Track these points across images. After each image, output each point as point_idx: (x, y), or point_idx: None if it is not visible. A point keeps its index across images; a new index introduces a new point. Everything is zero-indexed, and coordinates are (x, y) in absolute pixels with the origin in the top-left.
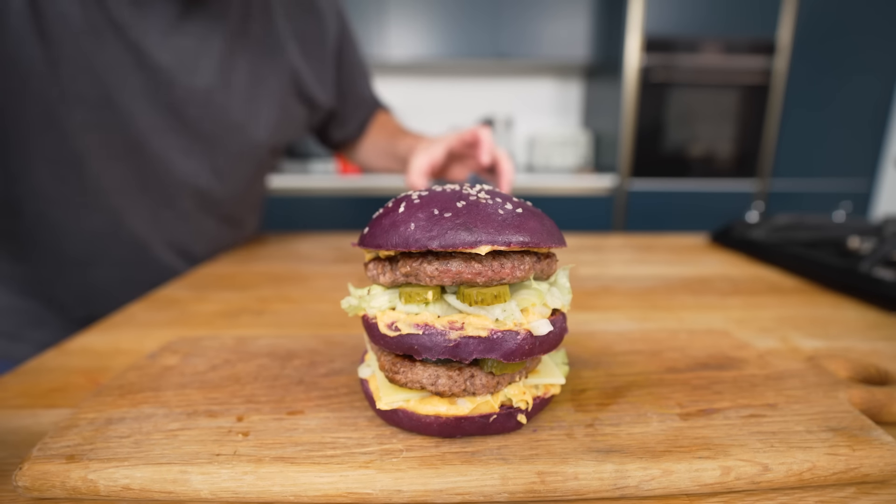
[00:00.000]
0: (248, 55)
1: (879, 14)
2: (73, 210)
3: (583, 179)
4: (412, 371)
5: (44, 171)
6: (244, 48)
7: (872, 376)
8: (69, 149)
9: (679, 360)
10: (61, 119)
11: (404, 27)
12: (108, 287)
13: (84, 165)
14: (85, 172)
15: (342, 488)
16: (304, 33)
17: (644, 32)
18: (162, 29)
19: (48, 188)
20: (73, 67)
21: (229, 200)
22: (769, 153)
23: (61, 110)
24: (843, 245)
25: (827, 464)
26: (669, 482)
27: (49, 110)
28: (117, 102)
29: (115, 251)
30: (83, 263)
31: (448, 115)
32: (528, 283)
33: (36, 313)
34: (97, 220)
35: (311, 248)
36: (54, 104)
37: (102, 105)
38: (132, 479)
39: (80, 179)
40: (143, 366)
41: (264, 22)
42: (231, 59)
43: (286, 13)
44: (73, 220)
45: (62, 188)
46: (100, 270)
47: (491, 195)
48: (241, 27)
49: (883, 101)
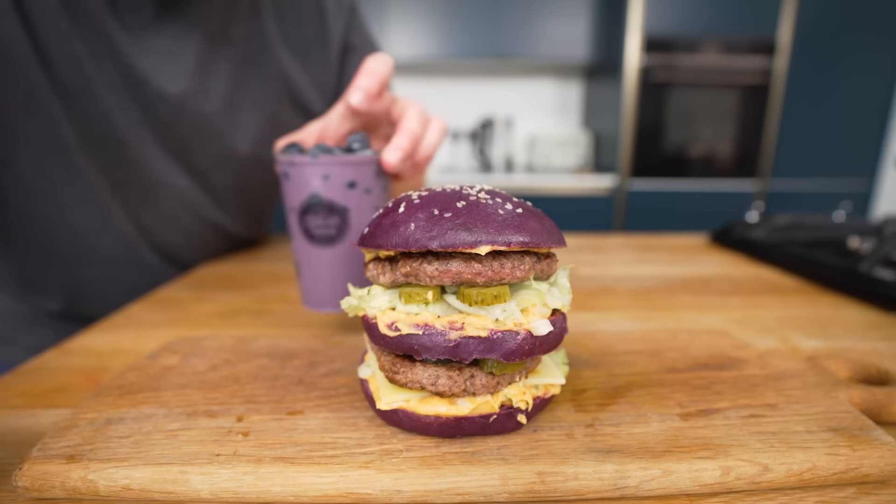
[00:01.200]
0: (229, 60)
1: (879, 14)
2: (59, 203)
3: (583, 179)
4: (412, 371)
5: (29, 159)
6: (225, 52)
7: (872, 376)
8: (54, 138)
9: (679, 360)
10: (46, 106)
11: (404, 27)
12: (96, 286)
13: (69, 157)
14: (70, 164)
15: (342, 488)
16: (299, 36)
17: (644, 32)
18: (136, 25)
19: (34, 178)
20: (53, 52)
21: (215, 209)
22: (769, 153)
23: (45, 97)
24: (843, 245)
25: (827, 464)
26: (669, 482)
27: (33, 96)
28: (95, 94)
29: (103, 249)
30: (71, 260)
31: (448, 115)
32: (528, 284)
33: (28, 316)
34: (84, 214)
35: None
36: (38, 90)
37: (81, 95)
38: (132, 480)
39: (65, 171)
40: (143, 366)
41: (250, 25)
42: (209, 64)
43: (277, 15)
44: (59, 213)
45: (48, 179)
46: (88, 268)
47: (491, 195)
48: (222, 29)
49: (883, 100)
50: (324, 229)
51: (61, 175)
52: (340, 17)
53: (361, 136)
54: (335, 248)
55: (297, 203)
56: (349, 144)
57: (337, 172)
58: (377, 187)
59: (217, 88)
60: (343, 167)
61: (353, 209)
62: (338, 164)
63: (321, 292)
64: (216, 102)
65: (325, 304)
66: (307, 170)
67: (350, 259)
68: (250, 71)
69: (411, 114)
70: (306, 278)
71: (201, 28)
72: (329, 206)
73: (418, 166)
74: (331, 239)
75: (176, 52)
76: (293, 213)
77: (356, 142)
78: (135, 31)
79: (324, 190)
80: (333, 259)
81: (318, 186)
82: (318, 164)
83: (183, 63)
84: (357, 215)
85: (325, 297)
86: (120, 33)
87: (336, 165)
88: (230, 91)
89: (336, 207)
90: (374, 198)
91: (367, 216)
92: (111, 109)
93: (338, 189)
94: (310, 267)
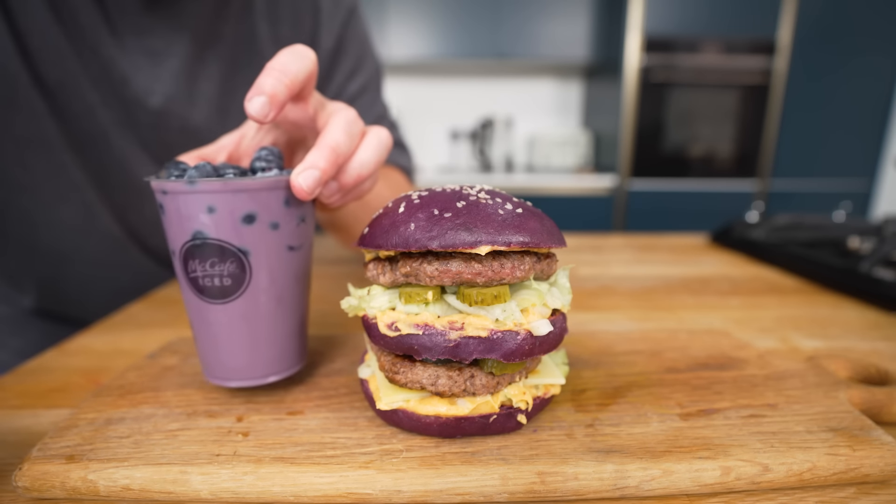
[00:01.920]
0: (218, 61)
1: (879, 14)
2: (42, 199)
3: (583, 179)
4: (412, 371)
5: (11, 153)
6: (215, 54)
7: (872, 376)
8: (36, 133)
9: (679, 360)
10: (28, 100)
11: (404, 27)
12: (82, 286)
13: (52, 153)
14: (53, 160)
15: (342, 488)
16: (292, 37)
17: (644, 32)
18: (120, 22)
19: (16, 173)
20: (33, 43)
21: None
22: (769, 153)
23: (26, 90)
24: (843, 245)
25: (827, 464)
26: (669, 482)
27: (13, 89)
28: (77, 90)
29: (89, 248)
30: (55, 258)
31: (448, 115)
32: (528, 284)
33: (15, 319)
34: (68, 212)
35: None
36: (18, 83)
37: (63, 90)
38: (132, 480)
39: (48, 167)
40: (143, 366)
41: (241, 25)
42: (198, 65)
43: (271, 16)
44: (42, 210)
45: (31, 175)
46: (73, 268)
47: (491, 195)
48: (211, 29)
49: (883, 100)
50: (215, 279)
51: (44, 171)
52: (337, 16)
53: (271, 152)
54: (234, 304)
55: (178, 244)
56: (252, 163)
57: (226, 203)
58: (288, 220)
59: (205, 92)
60: (234, 196)
61: (256, 251)
62: (226, 191)
63: (223, 362)
64: (203, 106)
65: (232, 376)
66: (186, 200)
67: (259, 317)
68: (240, 73)
69: (336, 123)
70: (202, 342)
71: (190, 28)
72: (219, 248)
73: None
74: (225, 292)
75: (162, 52)
76: (175, 258)
77: (262, 160)
78: (118, 28)
79: (211, 227)
80: (232, 319)
81: (202, 222)
82: (198, 192)
83: (169, 64)
84: (263, 259)
85: (230, 367)
86: (102, 29)
87: (224, 193)
88: (218, 94)
89: (229, 250)
90: (284, 235)
91: (277, 259)
92: (94, 107)
93: (229, 225)
94: (204, 328)
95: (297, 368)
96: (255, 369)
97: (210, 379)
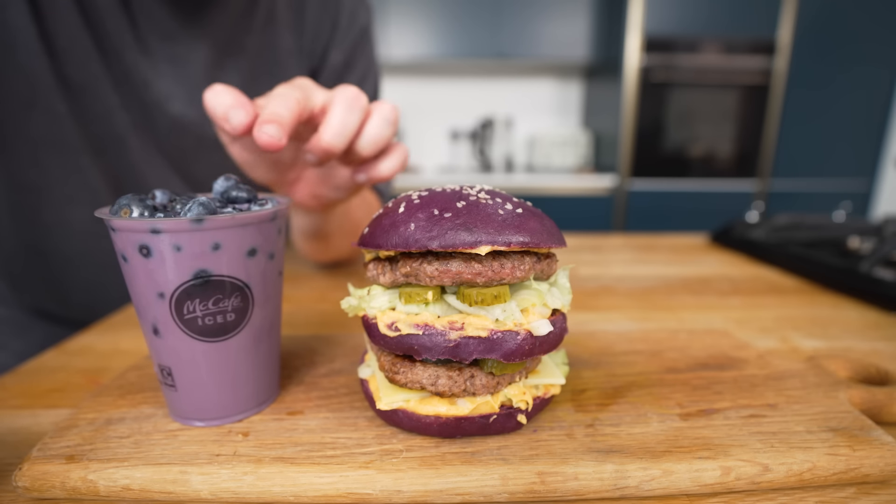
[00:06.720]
0: (238, 71)
1: (879, 14)
2: (53, 201)
3: (583, 179)
4: (412, 371)
5: (25, 154)
6: (235, 64)
7: (872, 376)
8: (55, 134)
9: (679, 360)
10: (49, 100)
11: (405, 27)
12: (90, 290)
13: (69, 155)
14: (70, 162)
15: (342, 489)
16: (312, 50)
17: (644, 32)
18: (145, 27)
19: (29, 174)
20: (60, 44)
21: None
22: (769, 153)
23: (48, 91)
24: (843, 245)
25: (827, 464)
26: (669, 482)
27: (35, 89)
28: (99, 92)
29: (99, 252)
30: (62, 261)
31: (448, 115)
32: (528, 284)
33: (17, 321)
34: (80, 215)
35: None
36: (41, 83)
37: (85, 91)
38: (132, 480)
39: (64, 169)
40: (143, 366)
41: (263, 36)
42: (218, 73)
43: (297, 28)
44: (52, 211)
45: (44, 176)
46: (81, 271)
47: (491, 195)
48: (234, 39)
49: (883, 100)
50: (218, 316)
51: (59, 173)
52: (350, 34)
53: (234, 181)
54: (234, 339)
55: (171, 287)
56: (225, 193)
57: (233, 238)
58: (280, 248)
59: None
60: (243, 230)
61: (257, 283)
62: (234, 225)
63: (215, 401)
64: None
65: (225, 413)
66: (189, 239)
67: (258, 347)
68: (260, 84)
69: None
70: (186, 384)
71: (213, 37)
72: (224, 284)
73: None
74: (225, 329)
75: (184, 58)
76: (159, 303)
77: (235, 189)
78: (143, 33)
79: (214, 264)
80: (229, 354)
81: (207, 261)
82: (202, 230)
83: (190, 71)
84: (262, 290)
85: (223, 405)
86: (127, 33)
87: (232, 228)
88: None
89: (235, 285)
90: (277, 263)
91: (273, 287)
92: (113, 109)
93: (236, 260)
94: (192, 369)
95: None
96: (251, 399)
97: (184, 422)
